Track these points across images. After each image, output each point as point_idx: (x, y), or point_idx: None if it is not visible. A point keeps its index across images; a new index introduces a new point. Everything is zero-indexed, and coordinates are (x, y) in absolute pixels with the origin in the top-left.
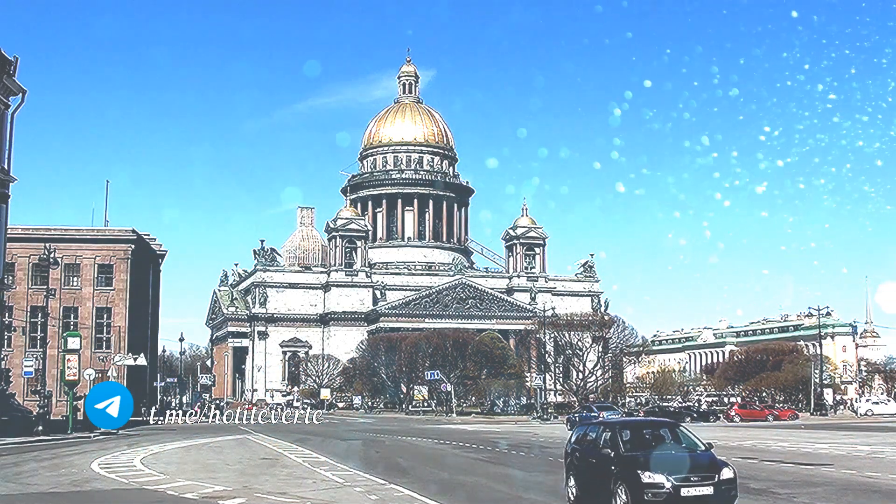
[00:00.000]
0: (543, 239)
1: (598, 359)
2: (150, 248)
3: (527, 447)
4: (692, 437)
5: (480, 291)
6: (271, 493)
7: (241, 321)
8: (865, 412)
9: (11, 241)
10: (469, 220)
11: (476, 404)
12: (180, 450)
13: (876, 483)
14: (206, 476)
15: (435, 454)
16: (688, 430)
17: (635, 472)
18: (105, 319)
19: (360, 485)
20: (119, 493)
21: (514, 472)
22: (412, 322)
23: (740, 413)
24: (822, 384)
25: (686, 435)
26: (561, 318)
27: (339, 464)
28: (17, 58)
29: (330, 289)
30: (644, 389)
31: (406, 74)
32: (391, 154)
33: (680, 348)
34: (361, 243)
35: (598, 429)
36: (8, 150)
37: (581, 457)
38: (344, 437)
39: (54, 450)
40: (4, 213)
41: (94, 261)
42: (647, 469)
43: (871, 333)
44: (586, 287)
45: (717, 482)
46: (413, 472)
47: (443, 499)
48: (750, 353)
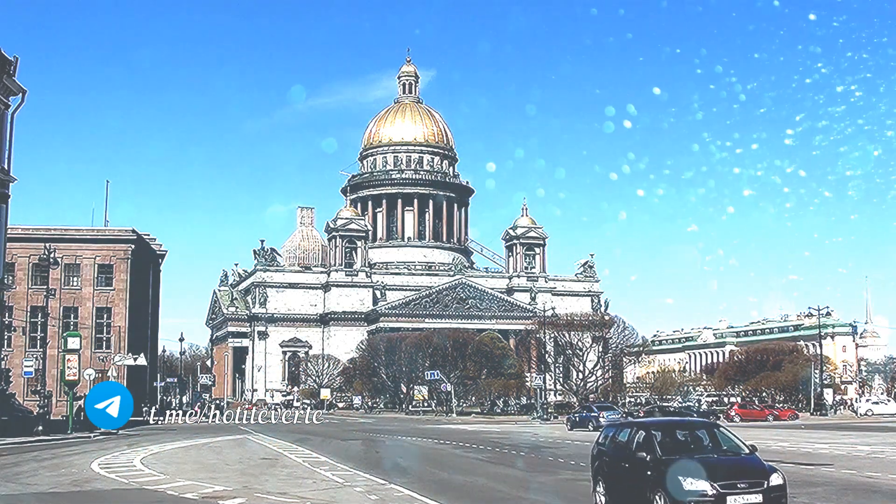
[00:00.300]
0: (543, 239)
1: (598, 359)
2: (150, 248)
3: (527, 447)
4: (733, 438)
5: (480, 291)
6: (271, 493)
7: (241, 321)
8: (865, 412)
9: (11, 241)
10: (469, 220)
11: (476, 404)
12: (180, 450)
13: (876, 483)
14: (206, 476)
15: (435, 454)
16: (728, 432)
17: (675, 478)
18: (105, 319)
19: (360, 485)
20: (119, 493)
21: (514, 472)
22: (412, 322)
23: (740, 413)
24: (822, 384)
25: (726, 436)
26: (561, 318)
27: (340, 464)
28: (17, 58)
29: (330, 289)
30: (644, 389)
31: (406, 74)
32: (391, 154)
33: (680, 348)
34: (361, 243)
35: (628, 430)
36: (8, 150)
37: (611, 461)
38: (344, 437)
39: (54, 450)
40: (4, 213)
41: (94, 261)
42: (689, 474)
43: (871, 333)
44: (586, 287)
45: (766, 489)
46: (413, 472)
47: (443, 499)
48: (750, 353)
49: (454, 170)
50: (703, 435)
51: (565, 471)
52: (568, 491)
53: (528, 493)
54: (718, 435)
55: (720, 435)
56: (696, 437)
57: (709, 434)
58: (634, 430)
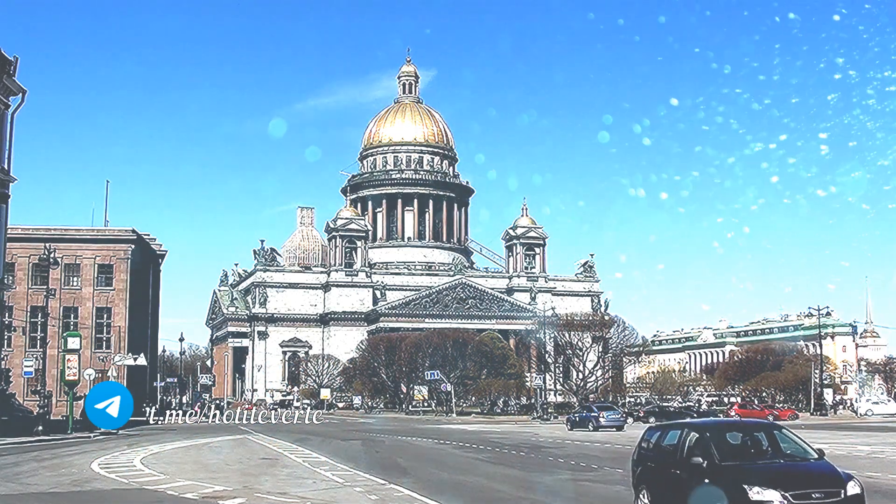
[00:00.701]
0: (543, 239)
1: (598, 359)
2: (150, 248)
3: (527, 447)
4: (798, 441)
5: (480, 291)
6: (271, 493)
7: (241, 321)
8: (865, 412)
9: (11, 241)
10: (469, 220)
11: (476, 404)
12: (180, 450)
13: (876, 483)
14: (206, 476)
15: (435, 454)
16: (791, 434)
17: (740, 487)
18: (105, 319)
19: (360, 485)
20: (119, 493)
21: (514, 472)
22: (412, 322)
23: (740, 413)
24: (822, 384)
25: (790, 439)
26: (561, 318)
27: (340, 464)
28: (17, 58)
29: (330, 289)
30: (644, 389)
31: (406, 74)
32: (391, 154)
33: (680, 348)
34: (361, 243)
35: (678, 432)
36: (8, 150)
37: (657, 467)
38: (344, 437)
39: (54, 450)
40: (4, 213)
41: (94, 261)
42: (755, 483)
43: (871, 333)
44: (586, 287)
45: (842, 499)
46: (413, 472)
47: (443, 499)
48: (750, 353)
49: (454, 170)
50: (761, 437)
51: (565, 471)
52: (568, 491)
53: (528, 493)
54: (779, 437)
55: (781, 437)
56: (754, 440)
57: (768, 436)
58: (685, 432)
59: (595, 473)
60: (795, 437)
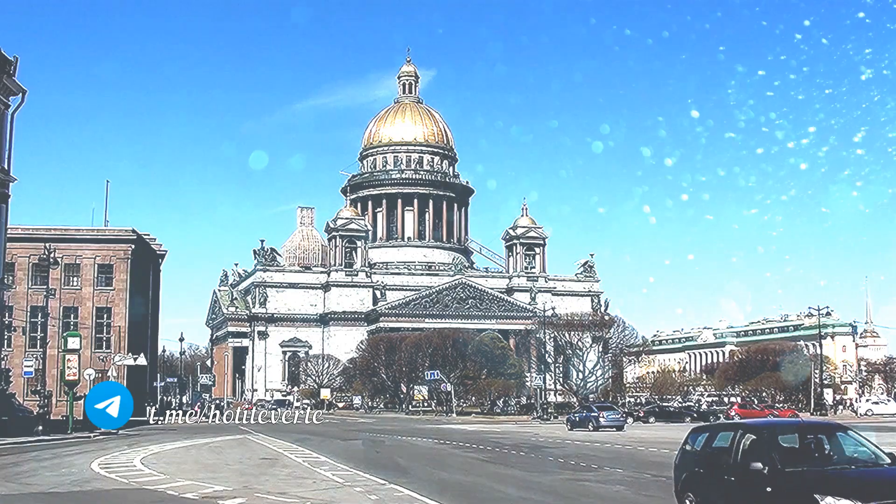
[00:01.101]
0: (543, 239)
1: (598, 359)
2: (150, 248)
3: (527, 447)
4: (867, 444)
5: (480, 291)
6: (271, 493)
7: (241, 321)
8: (865, 412)
9: (11, 241)
10: (469, 220)
11: (476, 404)
12: (180, 450)
13: None
14: (206, 476)
15: (435, 454)
16: (858, 435)
17: (811, 496)
18: (105, 319)
19: (360, 485)
20: (119, 493)
21: (514, 472)
22: (412, 322)
23: (740, 413)
24: (822, 384)
25: (857, 441)
26: (561, 318)
27: (340, 464)
28: (17, 58)
29: (330, 289)
30: (644, 389)
31: (406, 74)
32: (391, 154)
33: (680, 348)
34: (361, 243)
35: (730, 433)
36: (8, 150)
37: (707, 472)
38: (344, 437)
39: (54, 450)
40: (4, 213)
41: (94, 261)
42: (828, 491)
43: (870, 333)
44: (586, 287)
45: None
46: (413, 472)
47: (443, 499)
48: (750, 353)
49: (454, 170)
50: (824, 440)
51: (566, 471)
52: (569, 491)
53: (528, 493)
54: (844, 440)
55: (846, 440)
56: (818, 443)
57: (831, 439)
58: (739, 433)
59: (595, 473)
60: (864, 438)
